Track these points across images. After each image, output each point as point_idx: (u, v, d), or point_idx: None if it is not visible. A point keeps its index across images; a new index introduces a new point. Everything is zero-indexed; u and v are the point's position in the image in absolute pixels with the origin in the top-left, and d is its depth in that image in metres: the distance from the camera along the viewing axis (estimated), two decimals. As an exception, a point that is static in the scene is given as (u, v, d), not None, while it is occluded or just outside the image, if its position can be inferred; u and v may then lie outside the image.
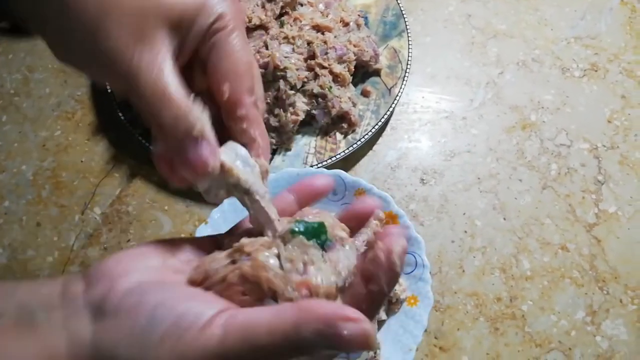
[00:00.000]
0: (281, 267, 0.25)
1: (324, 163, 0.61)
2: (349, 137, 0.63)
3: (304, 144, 0.64)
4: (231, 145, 0.29)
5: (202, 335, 0.22)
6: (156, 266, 0.27)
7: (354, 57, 0.64)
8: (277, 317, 0.22)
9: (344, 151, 0.62)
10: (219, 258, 0.26)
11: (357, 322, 0.22)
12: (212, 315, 0.23)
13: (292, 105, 0.60)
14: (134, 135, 0.62)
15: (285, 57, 0.60)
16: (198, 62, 0.29)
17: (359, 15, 0.69)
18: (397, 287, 0.51)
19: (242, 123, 0.29)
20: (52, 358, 0.23)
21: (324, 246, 0.26)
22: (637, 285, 0.57)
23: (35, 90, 0.71)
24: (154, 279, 0.25)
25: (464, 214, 0.61)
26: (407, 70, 0.66)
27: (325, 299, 0.24)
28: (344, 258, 0.26)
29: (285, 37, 0.62)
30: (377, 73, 0.68)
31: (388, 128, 0.68)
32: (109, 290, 0.24)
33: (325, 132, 0.64)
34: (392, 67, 0.68)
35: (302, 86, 0.61)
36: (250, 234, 0.28)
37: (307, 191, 0.31)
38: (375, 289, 0.25)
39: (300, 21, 0.64)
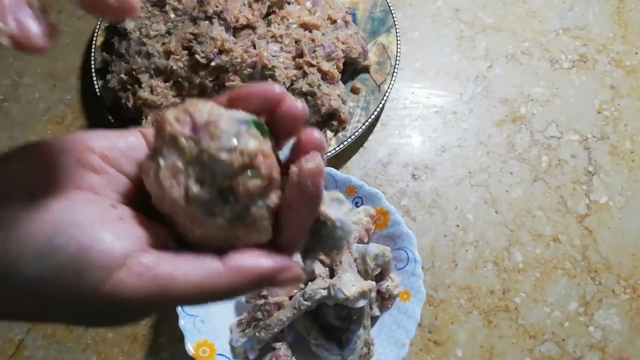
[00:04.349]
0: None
1: (315, 161, 0.61)
2: (340, 134, 0.63)
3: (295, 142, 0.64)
4: None
5: (110, 281, 0.19)
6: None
7: (343, 55, 0.64)
8: (208, 279, 0.21)
9: (334, 149, 0.62)
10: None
11: (290, 269, 0.23)
12: (123, 255, 0.20)
13: (281, 104, 0.60)
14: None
15: (273, 56, 0.60)
16: None
17: (346, 12, 0.69)
18: (389, 282, 0.51)
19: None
20: None
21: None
22: (629, 275, 0.57)
23: (25, 96, 0.71)
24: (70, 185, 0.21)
25: (456, 208, 0.62)
26: (396, 66, 0.66)
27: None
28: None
29: (273, 36, 0.62)
30: (366, 70, 0.68)
31: (378, 124, 0.68)
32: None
33: (315, 130, 0.64)
34: (381, 64, 0.68)
35: (291, 85, 0.61)
36: None
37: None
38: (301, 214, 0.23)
39: (288, 20, 0.64)
